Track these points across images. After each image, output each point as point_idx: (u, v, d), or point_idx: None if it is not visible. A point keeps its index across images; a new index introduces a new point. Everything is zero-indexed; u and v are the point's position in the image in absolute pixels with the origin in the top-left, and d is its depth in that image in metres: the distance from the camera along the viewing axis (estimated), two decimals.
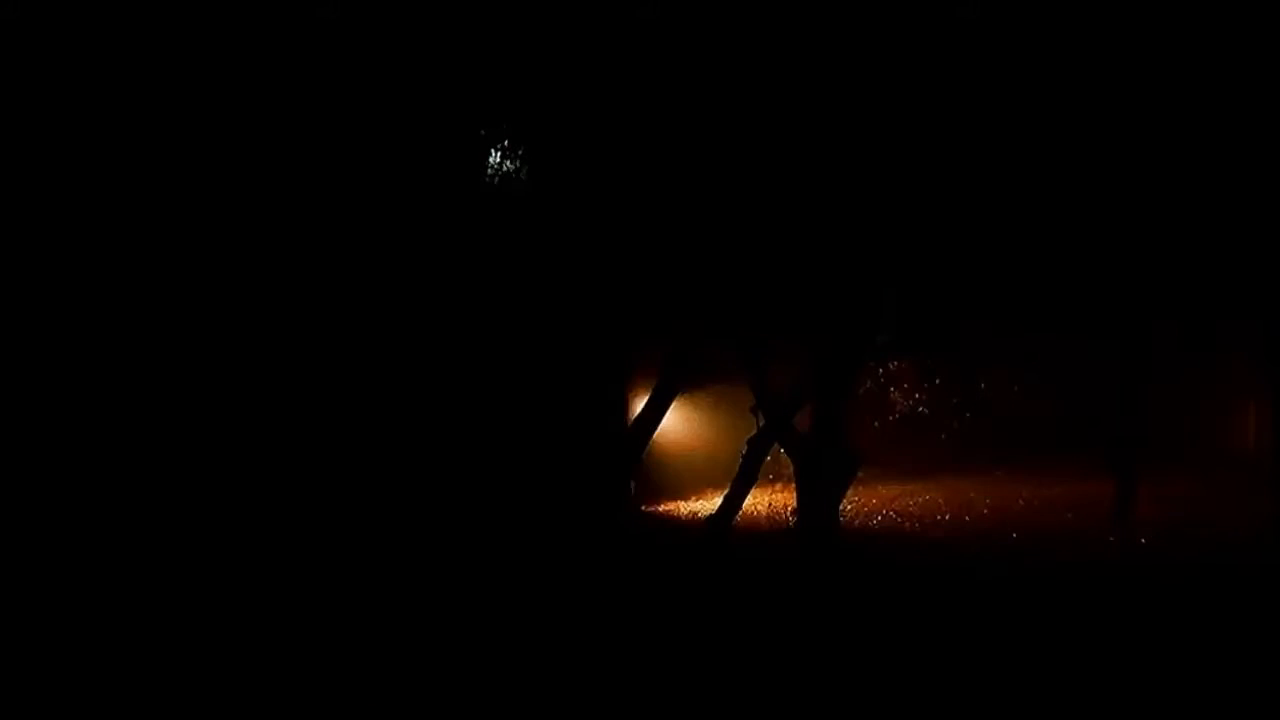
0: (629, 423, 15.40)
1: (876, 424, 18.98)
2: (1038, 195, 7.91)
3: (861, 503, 18.67)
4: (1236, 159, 6.25)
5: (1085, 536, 15.27)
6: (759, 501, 18.46)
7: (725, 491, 14.55)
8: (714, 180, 9.41)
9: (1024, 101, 6.49)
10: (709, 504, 18.20)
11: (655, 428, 13.51)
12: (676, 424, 19.24)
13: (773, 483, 20.12)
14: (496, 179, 9.37)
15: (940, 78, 6.81)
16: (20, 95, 8.97)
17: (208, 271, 10.46)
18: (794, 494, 15.90)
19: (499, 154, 9.15)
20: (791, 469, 15.61)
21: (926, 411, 19.00)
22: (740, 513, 15.02)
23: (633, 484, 16.61)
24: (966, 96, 6.83)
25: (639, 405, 14.92)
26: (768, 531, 16.43)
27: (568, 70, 7.67)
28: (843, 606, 11.16)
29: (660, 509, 18.65)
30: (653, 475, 18.62)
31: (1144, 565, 13.36)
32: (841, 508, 15.94)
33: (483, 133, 8.30)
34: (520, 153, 9.00)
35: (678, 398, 15.29)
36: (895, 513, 18.68)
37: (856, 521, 17.42)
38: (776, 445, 15.00)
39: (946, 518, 17.97)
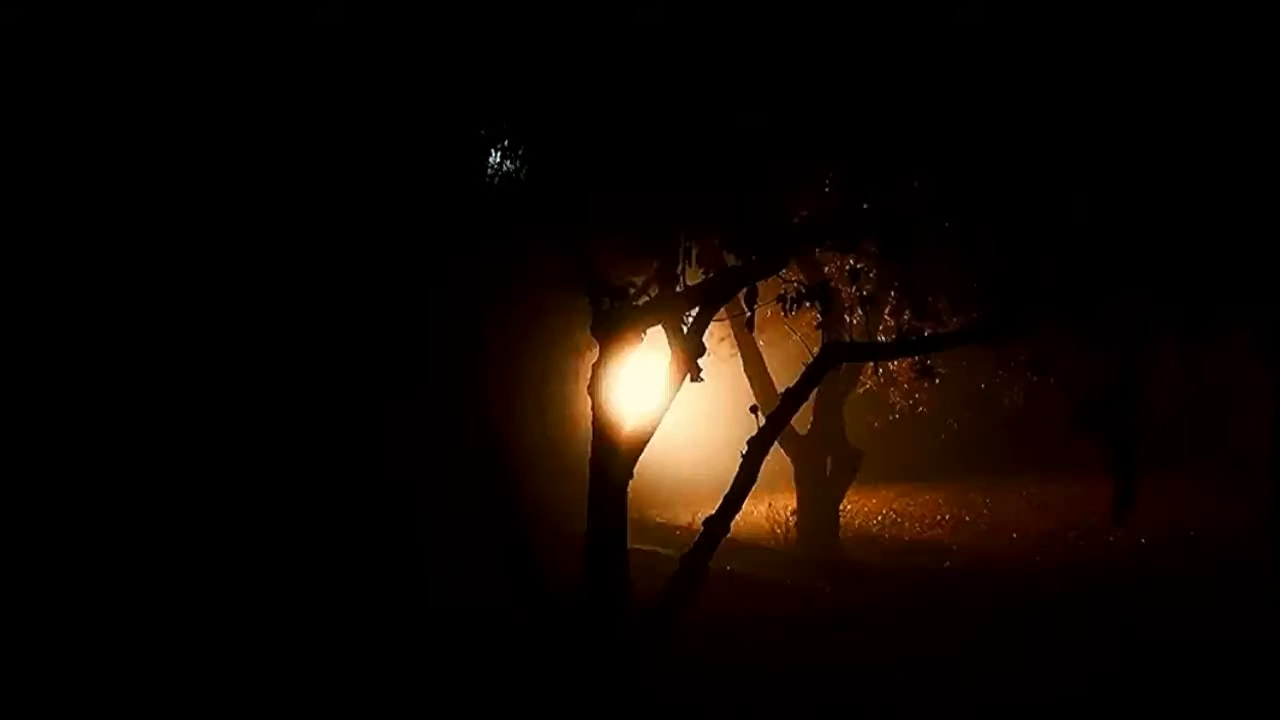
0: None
1: (876, 424, 18.95)
2: (1037, 190, 7.89)
3: (861, 503, 18.68)
4: (1240, 152, 6.24)
5: (1085, 535, 15.35)
6: (759, 502, 18.47)
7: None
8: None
9: (1023, 96, 6.48)
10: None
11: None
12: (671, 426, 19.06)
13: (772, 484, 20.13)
14: (497, 179, 9.35)
15: (938, 74, 6.79)
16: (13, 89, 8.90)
17: (202, 271, 10.37)
18: (793, 494, 15.95)
19: (499, 154, 9.13)
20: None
21: (925, 410, 18.99)
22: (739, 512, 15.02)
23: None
24: (965, 91, 6.81)
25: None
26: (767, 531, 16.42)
27: (568, 69, 7.66)
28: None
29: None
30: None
31: (1142, 564, 13.43)
32: (841, 507, 15.98)
33: (483, 133, 8.28)
34: (520, 152, 8.98)
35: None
36: (895, 513, 18.71)
37: (856, 522, 17.46)
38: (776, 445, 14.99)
39: (947, 518, 18.01)
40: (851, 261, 7.91)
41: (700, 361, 7.73)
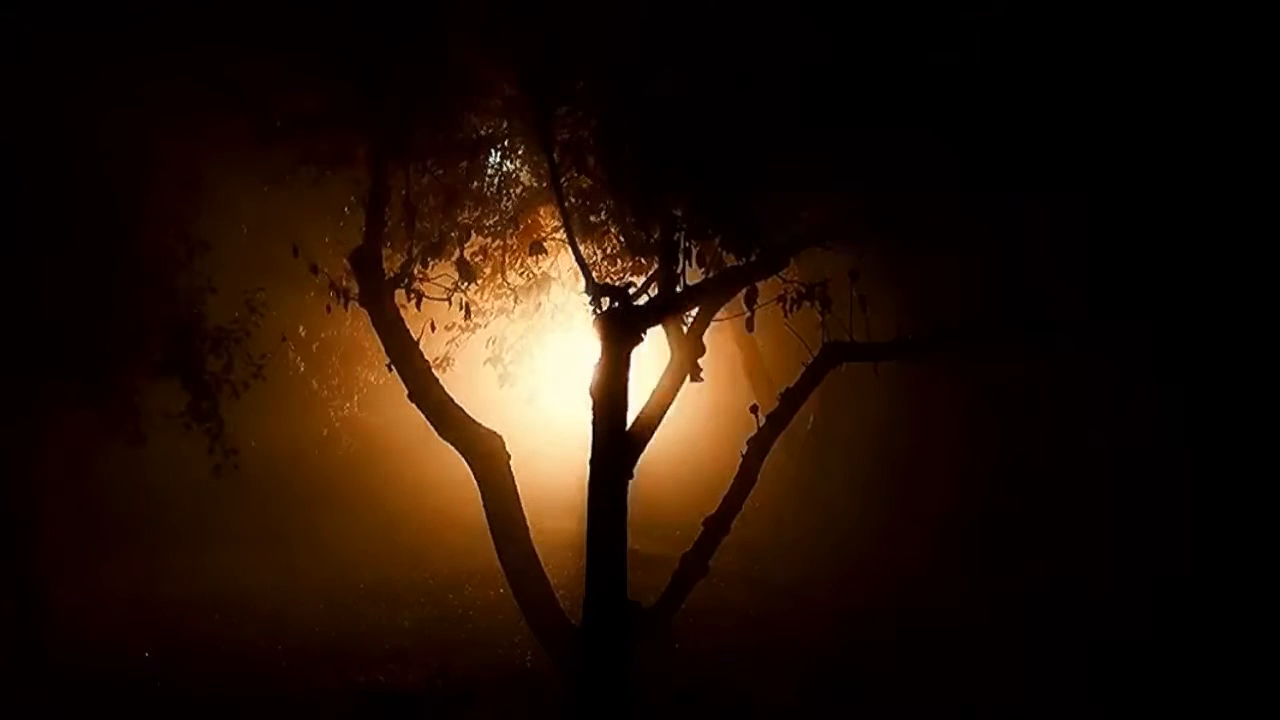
0: None
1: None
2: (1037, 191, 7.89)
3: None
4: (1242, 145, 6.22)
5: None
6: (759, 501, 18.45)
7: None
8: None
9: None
10: None
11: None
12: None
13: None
14: (497, 179, 9.37)
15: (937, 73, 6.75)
16: None
17: None
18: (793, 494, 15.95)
19: (499, 154, 9.14)
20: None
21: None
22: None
23: None
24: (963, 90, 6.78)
25: None
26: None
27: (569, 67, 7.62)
28: None
29: None
30: None
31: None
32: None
33: (483, 132, 8.26)
34: (520, 152, 9.00)
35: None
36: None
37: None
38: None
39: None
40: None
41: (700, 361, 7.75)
